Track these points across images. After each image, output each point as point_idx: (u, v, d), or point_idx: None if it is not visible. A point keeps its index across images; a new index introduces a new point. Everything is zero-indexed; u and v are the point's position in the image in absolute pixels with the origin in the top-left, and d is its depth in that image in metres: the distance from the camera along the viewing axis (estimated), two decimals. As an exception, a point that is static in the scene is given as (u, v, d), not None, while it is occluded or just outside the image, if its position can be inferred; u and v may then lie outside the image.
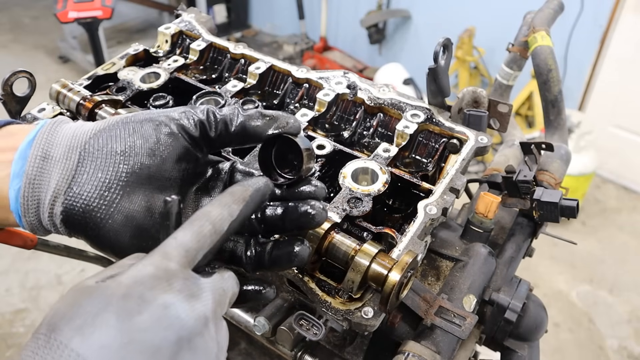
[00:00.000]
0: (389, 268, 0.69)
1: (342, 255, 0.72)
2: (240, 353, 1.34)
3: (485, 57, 4.43)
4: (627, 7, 3.74)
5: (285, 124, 0.64)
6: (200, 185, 0.67)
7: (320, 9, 5.34)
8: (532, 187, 1.06)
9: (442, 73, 0.97)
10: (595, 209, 4.06)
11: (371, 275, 0.70)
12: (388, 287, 0.67)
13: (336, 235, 0.74)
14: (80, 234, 0.57)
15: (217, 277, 0.52)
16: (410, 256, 0.69)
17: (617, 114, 4.09)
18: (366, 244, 0.72)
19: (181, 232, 0.50)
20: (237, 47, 1.20)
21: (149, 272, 0.46)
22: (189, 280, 0.47)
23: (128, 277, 0.45)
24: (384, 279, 0.68)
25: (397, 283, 0.67)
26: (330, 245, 0.73)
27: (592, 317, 3.22)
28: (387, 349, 0.89)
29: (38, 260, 3.29)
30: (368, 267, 0.70)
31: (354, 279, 0.71)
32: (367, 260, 0.70)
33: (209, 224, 0.52)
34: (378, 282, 0.69)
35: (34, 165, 0.56)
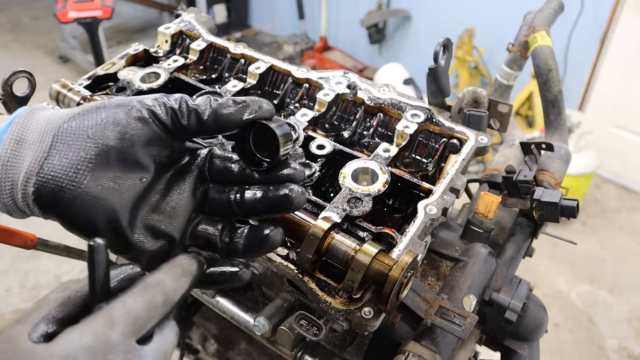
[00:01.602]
0: (389, 268, 0.69)
1: (342, 255, 0.72)
2: (240, 353, 1.34)
3: (485, 57, 4.43)
4: (627, 7, 3.74)
5: (257, 108, 0.63)
6: (175, 171, 0.66)
7: (320, 9, 5.34)
8: (532, 187, 1.06)
9: (442, 73, 0.97)
10: (595, 209, 4.05)
11: (371, 275, 0.70)
12: (388, 287, 0.68)
13: (336, 236, 0.74)
14: (52, 214, 0.57)
15: (158, 340, 0.50)
16: (410, 256, 0.69)
17: (617, 114, 4.09)
18: (366, 244, 0.72)
19: (131, 298, 0.48)
20: (237, 47, 1.20)
21: (85, 344, 0.42)
22: (130, 354, 0.45)
23: (62, 348, 0.42)
24: (384, 278, 0.68)
25: (397, 283, 0.67)
26: (330, 245, 0.73)
27: (592, 317, 3.22)
28: (387, 349, 0.89)
29: (38, 260, 3.29)
30: (368, 267, 0.69)
31: (354, 278, 0.71)
32: (367, 260, 0.70)
33: (162, 295, 0.50)
34: (378, 282, 0.69)
35: (8, 148, 0.56)
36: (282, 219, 0.71)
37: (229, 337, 1.35)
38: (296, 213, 0.73)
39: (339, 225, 0.79)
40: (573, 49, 3.94)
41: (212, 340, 1.39)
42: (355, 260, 0.70)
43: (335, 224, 0.75)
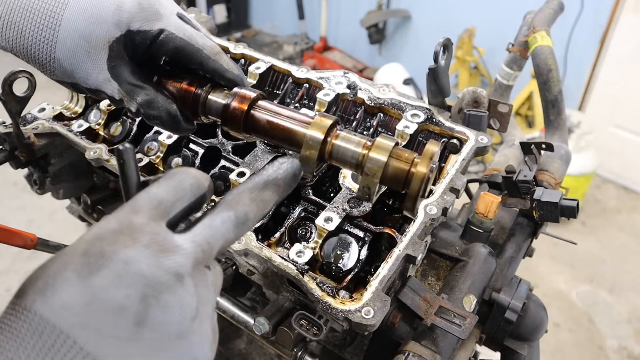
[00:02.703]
0: (410, 163, 0.60)
1: (350, 157, 0.63)
2: (240, 353, 1.34)
3: (485, 57, 4.44)
4: (627, 7, 3.74)
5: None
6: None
7: (320, 9, 5.34)
8: (532, 187, 1.06)
9: (442, 73, 0.97)
10: (595, 209, 4.06)
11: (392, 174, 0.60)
12: (415, 185, 0.59)
13: (340, 133, 0.65)
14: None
15: (201, 228, 0.48)
16: (435, 145, 0.60)
17: (617, 114, 4.09)
18: (379, 138, 0.63)
19: (155, 186, 0.48)
20: (237, 47, 1.20)
21: (111, 227, 0.43)
22: (159, 235, 0.44)
23: (89, 234, 0.43)
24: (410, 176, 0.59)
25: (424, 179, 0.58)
26: (335, 146, 0.64)
27: (592, 317, 3.22)
28: (387, 349, 0.89)
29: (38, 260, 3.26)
30: (386, 166, 0.60)
31: (370, 183, 0.62)
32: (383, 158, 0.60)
33: (191, 178, 0.50)
34: (400, 182, 0.60)
35: None
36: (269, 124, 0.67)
37: (229, 337, 1.35)
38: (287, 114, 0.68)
39: (339, 122, 0.69)
40: (573, 49, 3.95)
41: (212, 340, 1.38)
42: (369, 160, 0.61)
43: (336, 121, 0.66)
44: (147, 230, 0.44)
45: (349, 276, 0.83)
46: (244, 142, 1.06)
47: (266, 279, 0.94)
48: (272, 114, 0.69)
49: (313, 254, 0.83)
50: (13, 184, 3.89)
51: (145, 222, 0.45)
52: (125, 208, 0.46)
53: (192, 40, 0.74)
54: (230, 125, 0.67)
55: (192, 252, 0.45)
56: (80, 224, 1.54)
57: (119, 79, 0.71)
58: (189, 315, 0.43)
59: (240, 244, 0.84)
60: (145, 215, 0.45)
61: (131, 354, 0.40)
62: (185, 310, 0.43)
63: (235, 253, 0.84)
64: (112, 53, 0.70)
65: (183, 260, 0.44)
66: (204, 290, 0.46)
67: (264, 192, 0.53)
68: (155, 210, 0.46)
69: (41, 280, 0.40)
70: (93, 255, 0.41)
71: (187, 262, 0.44)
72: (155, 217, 0.46)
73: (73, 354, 0.38)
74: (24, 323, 0.39)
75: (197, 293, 0.45)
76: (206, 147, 1.05)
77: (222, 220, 0.49)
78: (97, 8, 0.68)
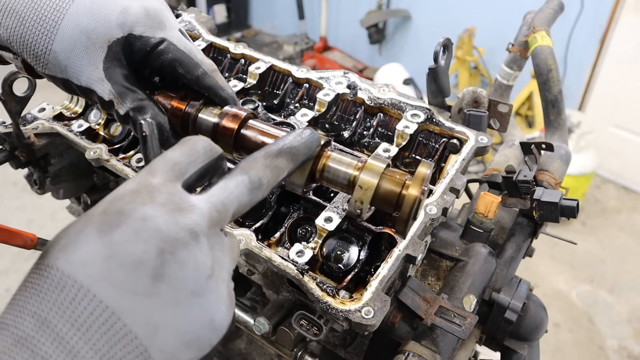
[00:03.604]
0: (402, 184, 0.60)
1: (341, 177, 0.64)
2: (240, 353, 1.34)
3: (485, 57, 4.44)
4: (627, 7, 3.74)
5: None
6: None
7: (320, 9, 5.34)
8: (532, 187, 1.06)
9: (442, 73, 0.97)
10: (595, 209, 4.06)
11: (384, 194, 0.61)
12: (407, 206, 0.59)
13: (332, 154, 0.65)
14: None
15: (215, 191, 0.50)
16: (426, 167, 0.61)
17: (617, 114, 4.09)
18: (370, 159, 0.63)
19: (170, 150, 0.50)
20: (237, 47, 1.20)
21: (130, 188, 0.45)
22: (175, 195, 0.46)
23: (110, 196, 0.45)
24: (401, 198, 0.60)
25: (416, 200, 0.58)
26: (325, 167, 0.64)
27: (592, 317, 3.22)
28: (387, 349, 0.89)
29: (38, 260, 3.29)
30: (378, 187, 0.61)
31: (363, 198, 0.62)
32: (374, 180, 0.61)
33: (204, 142, 0.52)
34: (391, 203, 0.61)
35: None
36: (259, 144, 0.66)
37: (229, 337, 1.35)
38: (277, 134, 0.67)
39: (330, 142, 0.69)
40: (573, 49, 3.95)
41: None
42: (360, 181, 0.62)
43: (328, 142, 0.67)
44: (164, 190, 0.46)
45: (349, 276, 0.83)
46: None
47: (266, 279, 0.94)
48: (263, 134, 0.69)
49: (313, 254, 0.83)
50: (13, 184, 3.89)
51: (162, 182, 0.47)
52: (143, 171, 0.48)
53: (192, 54, 0.74)
54: (220, 144, 0.67)
55: (207, 211, 0.47)
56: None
57: (112, 79, 0.70)
58: (204, 273, 0.45)
59: (241, 244, 0.84)
60: (162, 176, 0.47)
61: (148, 308, 0.41)
62: (200, 267, 0.44)
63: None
64: (109, 53, 0.70)
65: (198, 218, 0.46)
66: (219, 253, 0.48)
67: (278, 159, 0.55)
68: (171, 172, 0.48)
69: (64, 239, 0.42)
70: (112, 213, 0.43)
71: (202, 221, 0.46)
72: (171, 178, 0.48)
73: (93, 307, 0.40)
74: (46, 279, 0.40)
75: (212, 254, 0.46)
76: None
77: (237, 184, 0.51)
78: (103, 8, 0.69)
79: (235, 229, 0.86)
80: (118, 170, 1.00)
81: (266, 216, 0.92)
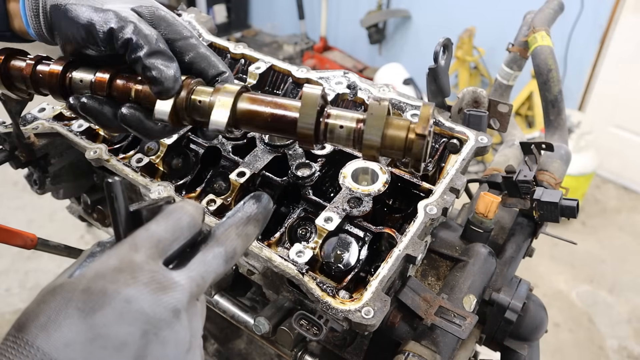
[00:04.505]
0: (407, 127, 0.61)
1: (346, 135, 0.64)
2: (240, 353, 1.34)
3: (485, 57, 4.43)
4: (627, 7, 3.74)
5: None
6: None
7: (320, 9, 5.34)
8: (532, 187, 1.06)
9: (442, 73, 0.97)
10: (595, 209, 4.06)
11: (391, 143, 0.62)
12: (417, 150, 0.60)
13: (331, 111, 0.65)
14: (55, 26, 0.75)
15: (195, 263, 0.50)
16: (427, 108, 0.62)
17: (617, 114, 4.09)
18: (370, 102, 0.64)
19: (155, 224, 0.50)
20: (237, 47, 1.20)
21: (112, 265, 0.45)
22: (158, 273, 0.46)
23: (90, 270, 0.44)
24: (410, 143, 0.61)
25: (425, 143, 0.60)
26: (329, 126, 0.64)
27: (592, 317, 3.22)
28: (387, 349, 0.89)
29: (38, 260, 3.29)
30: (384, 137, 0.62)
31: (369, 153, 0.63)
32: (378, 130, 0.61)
33: (187, 216, 0.52)
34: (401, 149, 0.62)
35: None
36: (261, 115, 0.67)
37: (229, 337, 1.35)
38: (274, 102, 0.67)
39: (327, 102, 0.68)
40: (573, 49, 3.94)
41: (212, 340, 1.39)
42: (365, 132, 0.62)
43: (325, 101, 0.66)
44: (147, 268, 0.46)
45: (349, 276, 0.83)
46: (244, 142, 1.06)
47: (266, 279, 0.94)
48: (259, 104, 0.68)
49: (313, 254, 0.83)
50: (13, 184, 3.89)
51: (145, 260, 0.46)
52: (125, 245, 0.47)
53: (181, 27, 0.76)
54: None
55: (188, 287, 0.47)
56: (80, 224, 1.55)
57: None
58: (184, 349, 0.45)
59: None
60: (145, 253, 0.47)
61: None
62: (181, 344, 0.45)
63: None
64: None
65: (180, 296, 0.46)
66: (195, 322, 0.49)
67: (248, 227, 0.56)
68: (154, 249, 0.48)
69: (43, 315, 0.41)
70: (95, 293, 0.42)
71: (184, 297, 0.46)
72: (154, 256, 0.47)
73: None
74: (26, 358, 0.39)
75: (190, 326, 0.47)
76: (206, 147, 1.05)
77: (214, 256, 0.52)
78: None
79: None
80: (118, 170, 1.00)
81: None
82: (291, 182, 0.96)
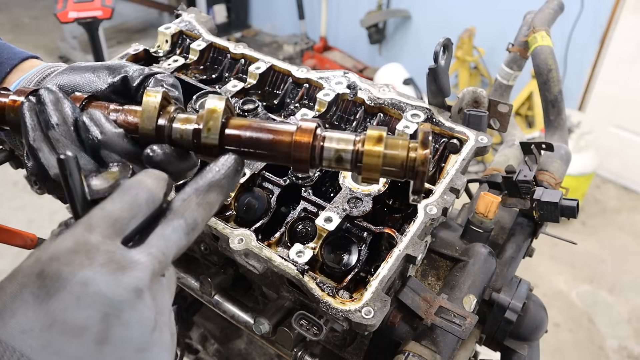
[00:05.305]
0: (407, 147, 0.60)
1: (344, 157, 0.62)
2: (240, 353, 1.34)
3: (485, 57, 4.43)
4: (627, 7, 3.74)
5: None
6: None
7: (320, 9, 5.34)
8: (532, 187, 1.06)
9: (442, 73, 0.97)
10: (595, 209, 4.05)
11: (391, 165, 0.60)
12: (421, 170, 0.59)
13: (325, 134, 0.62)
14: None
15: (154, 239, 0.48)
16: (425, 127, 0.61)
17: (617, 114, 4.09)
18: (369, 131, 0.62)
19: (110, 202, 0.48)
20: (237, 47, 1.20)
21: (66, 247, 0.43)
22: (115, 253, 0.44)
23: (46, 253, 0.42)
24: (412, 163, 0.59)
25: (426, 160, 0.59)
26: (323, 149, 0.62)
27: (592, 317, 3.22)
28: (387, 349, 0.89)
29: (38, 260, 3.29)
30: (384, 158, 0.60)
31: (371, 176, 0.61)
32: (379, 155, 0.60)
33: (145, 192, 0.49)
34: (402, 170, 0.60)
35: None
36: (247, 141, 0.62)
37: (229, 337, 1.35)
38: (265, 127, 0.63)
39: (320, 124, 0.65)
40: (573, 49, 3.94)
41: (212, 340, 1.39)
42: (365, 156, 0.60)
43: (318, 125, 0.63)
44: (103, 248, 0.44)
45: (349, 276, 0.83)
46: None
47: (266, 279, 0.94)
48: (249, 129, 0.63)
49: (313, 254, 0.83)
50: (13, 184, 3.89)
51: (101, 240, 0.44)
52: (80, 226, 0.45)
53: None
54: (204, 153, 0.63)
55: (150, 265, 0.45)
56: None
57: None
58: (149, 328, 0.44)
59: (241, 243, 0.84)
60: (101, 233, 0.45)
61: None
62: (145, 324, 0.43)
63: (235, 253, 0.84)
64: None
65: (141, 274, 0.44)
66: (160, 299, 0.47)
67: (209, 195, 0.53)
68: (111, 229, 0.46)
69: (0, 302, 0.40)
70: (49, 277, 0.40)
71: (145, 276, 0.44)
72: (111, 236, 0.45)
73: None
74: None
75: (155, 304, 0.45)
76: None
77: (174, 229, 0.49)
78: None
79: (235, 229, 0.86)
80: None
81: (266, 216, 0.92)
82: (291, 182, 0.96)
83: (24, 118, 0.64)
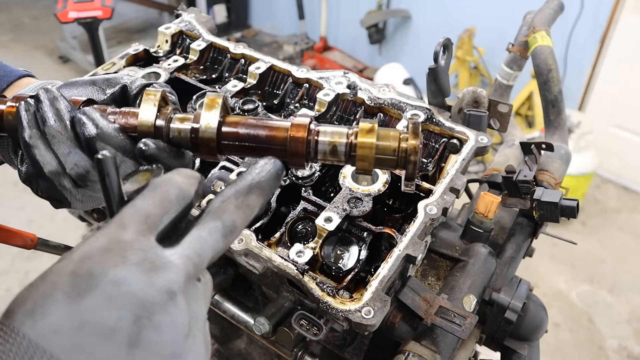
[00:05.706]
0: (397, 138, 0.62)
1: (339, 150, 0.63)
2: (240, 353, 1.34)
3: (485, 57, 4.43)
4: (627, 7, 3.74)
5: None
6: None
7: (320, 9, 5.34)
8: (532, 187, 1.06)
9: (442, 73, 0.97)
10: (595, 209, 4.05)
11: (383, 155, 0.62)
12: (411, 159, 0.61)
13: (319, 128, 0.64)
14: None
15: (189, 240, 0.47)
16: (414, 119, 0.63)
17: (617, 114, 4.09)
18: (361, 123, 0.64)
19: (140, 200, 0.47)
20: (237, 47, 1.20)
21: (99, 245, 0.42)
22: (149, 252, 0.43)
23: (78, 253, 0.41)
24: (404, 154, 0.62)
25: (417, 149, 0.61)
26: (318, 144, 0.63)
27: (592, 317, 3.22)
28: (387, 349, 0.89)
29: (38, 260, 3.28)
30: (377, 149, 0.62)
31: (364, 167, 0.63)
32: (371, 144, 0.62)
33: (175, 189, 0.48)
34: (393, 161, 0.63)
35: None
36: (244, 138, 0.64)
37: (229, 337, 1.35)
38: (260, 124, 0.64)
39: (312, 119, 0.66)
40: (573, 49, 3.94)
41: (212, 340, 1.39)
42: (358, 148, 0.62)
43: (310, 120, 0.65)
44: (137, 246, 0.43)
45: (349, 276, 0.83)
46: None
47: (266, 279, 0.94)
48: (245, 126, 0.65)
49: (313, 254, 0.83)
50: (13, 184, 3.89)
51: (134, 237, 0.43)
52: (112, 224, 0.44)
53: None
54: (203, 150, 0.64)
55: (184, 267, 0.44)
56: (80, 224, 1.55)
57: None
58: (182, 334, 0.42)
59: (241, 243, 0.84)
60: (134, 230, 0.44)
61: None
62: (178, 329, 0.42)
63: (236, 253, 0.84)
64: None
65: (175, 276, 0.43)
66: (195, 305, 0.45)
67: (249, 197, 0.51)
68: (143, 225, 0.45)
69: (30, 301, 0.39)
70: (82, 276, 0.40)
71: (179, 277, 0.43)
72: (144, 232, 0.44)
73: None
74: (12, 346, 0.37)
75: (189, 309, 0.44)
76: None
77: (211, 231, 0.48)
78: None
79: (235, 229, 0.86)
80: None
81: (266, 216, 0.92)
82: (291, 182, 0.96)
83: (20, 117, 0.64)
